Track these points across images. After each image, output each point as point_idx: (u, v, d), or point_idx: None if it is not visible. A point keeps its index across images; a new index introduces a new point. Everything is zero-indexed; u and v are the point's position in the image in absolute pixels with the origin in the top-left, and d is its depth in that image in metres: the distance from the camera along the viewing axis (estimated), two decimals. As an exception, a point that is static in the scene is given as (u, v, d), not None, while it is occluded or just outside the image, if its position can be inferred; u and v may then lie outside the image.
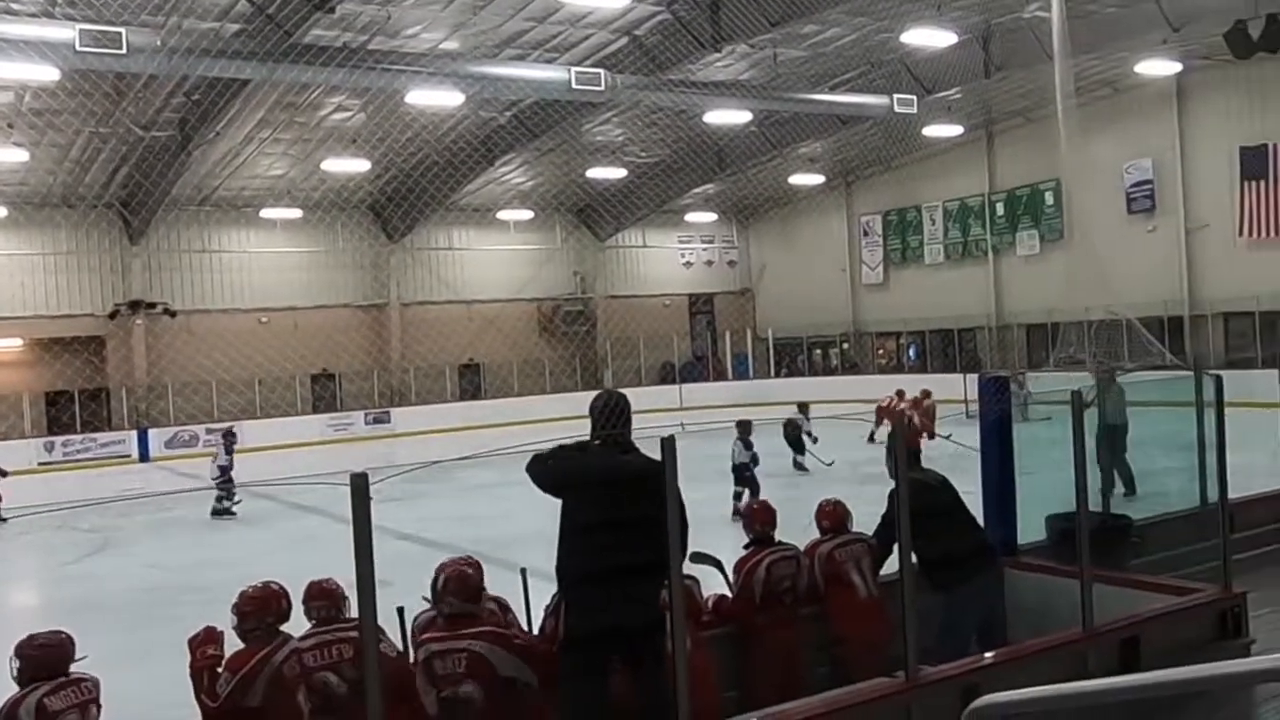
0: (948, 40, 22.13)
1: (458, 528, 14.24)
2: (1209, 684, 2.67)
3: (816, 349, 39.55)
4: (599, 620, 4.80)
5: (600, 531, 4.80)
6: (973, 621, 6.30)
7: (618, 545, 4.72)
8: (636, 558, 4.65)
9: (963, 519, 6.61)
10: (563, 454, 5.01)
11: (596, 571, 4.78)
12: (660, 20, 22.15)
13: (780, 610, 6.07)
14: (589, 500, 4.90)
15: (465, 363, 35.50)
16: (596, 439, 5.01)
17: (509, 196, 34.72)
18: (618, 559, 4.70)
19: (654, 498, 4.52)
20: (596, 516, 4.83)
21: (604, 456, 5.00)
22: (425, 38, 21.54)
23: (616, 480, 4.88)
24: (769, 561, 6.12)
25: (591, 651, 4.87)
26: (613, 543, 4.75)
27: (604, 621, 4.79)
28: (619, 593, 4.76)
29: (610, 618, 4.77)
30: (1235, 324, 28.02)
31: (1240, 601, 6.38)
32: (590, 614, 4.86)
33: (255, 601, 4.90)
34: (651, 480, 4.66)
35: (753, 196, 38.49)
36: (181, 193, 28.83)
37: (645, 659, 4.88)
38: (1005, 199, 33.23)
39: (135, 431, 29.46)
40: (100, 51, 15.68)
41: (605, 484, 4.89)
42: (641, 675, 4.91)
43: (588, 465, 4.99)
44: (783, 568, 6.15)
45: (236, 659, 4.73)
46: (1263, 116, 26.74)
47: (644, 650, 4.87)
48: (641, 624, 4.82)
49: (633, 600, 4.79)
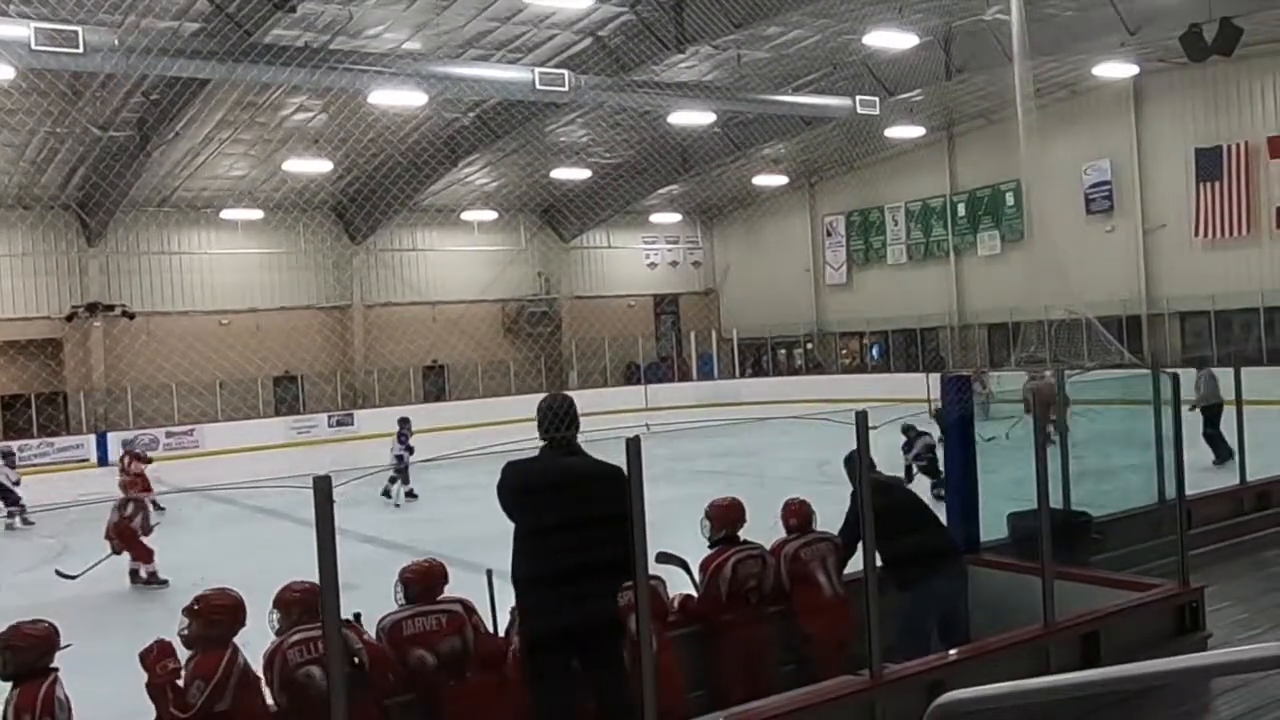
0: (909, 42, 22.31)
1: (422, 530, 14.17)
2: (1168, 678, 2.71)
3: (781, 349, 39.72)
4: (552, 624, 4.81)
5: (549, 535, 4.79)
6: (933, 620, 6.34)
7: (567, 548, 4.72)
8: (586, 560, 4.66)
9: (924, 518, 6.66)
10: (507, 470, 5.02)
11: (547, 575, 4.78)
12: (624, 21, 22.16)
13: (746, 609, 6.09)
14: (535, 506, 4.90)
15: (429, 364, 35.33)
16: (543, 442, 5.00)
17: (473, 197, 34.59)
18: (567, 562, 4.70)
19: (603, 499, 4.54)
20: (543, 521, 4.83)
21: (548, 461, 4.99)
22: (388, 38, 21.42)
23: (562, 484, 4.88)
24: (735, 560, 6.14)
25: (548, 655, 4.87)
26: (562, 546, 4.75)
27: (557, 625, 4.80)
28: (570, 595, 4.75)
29: (563, 621, 4.77)
30: (1191, 323, 28.44)
31: (1198, 596, 6.49)
32: (542, 618, 4.87)
33: (223, 610, 4.87)
34: (599, 482, 4.68)
35: (717, 197, 38.61)
36: (140, 193, 28.47)
37: (603, 661, 4.88)
38: (967, 199, 33.54)
39: (94, 435, 29.01)
40: (56, 50, 15.46)
41: (551, 488, 4.89)
42: (599, 678, 4.91)
43: (530, 472, 4.98)
44: (749, 566, 6.17)
45: (203, 665, 4.69)
46: (1217, 118, 27.18)
47: (601, 652, 4.87)
48: (594, 626, 4.82)
49: (584, 602, 4.78)
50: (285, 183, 29.86)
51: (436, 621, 5.30)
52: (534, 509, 4.88)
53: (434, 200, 33.55)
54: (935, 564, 6.36)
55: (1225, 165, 26.83)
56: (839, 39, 23.43)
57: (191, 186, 29.83)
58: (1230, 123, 26.92)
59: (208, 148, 26.97)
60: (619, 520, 4.51)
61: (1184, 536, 6.61)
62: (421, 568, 5.54)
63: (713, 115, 26.59)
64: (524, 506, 4.93)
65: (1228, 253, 27.05)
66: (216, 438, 29.25)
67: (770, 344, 39.58)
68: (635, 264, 40.27)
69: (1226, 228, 26.97)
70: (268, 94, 23.59)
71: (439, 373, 35.73)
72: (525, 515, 4.93)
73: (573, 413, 5.04)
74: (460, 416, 30.69)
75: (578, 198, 35.19)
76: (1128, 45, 23.34)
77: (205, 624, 4.80)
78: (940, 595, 6.33)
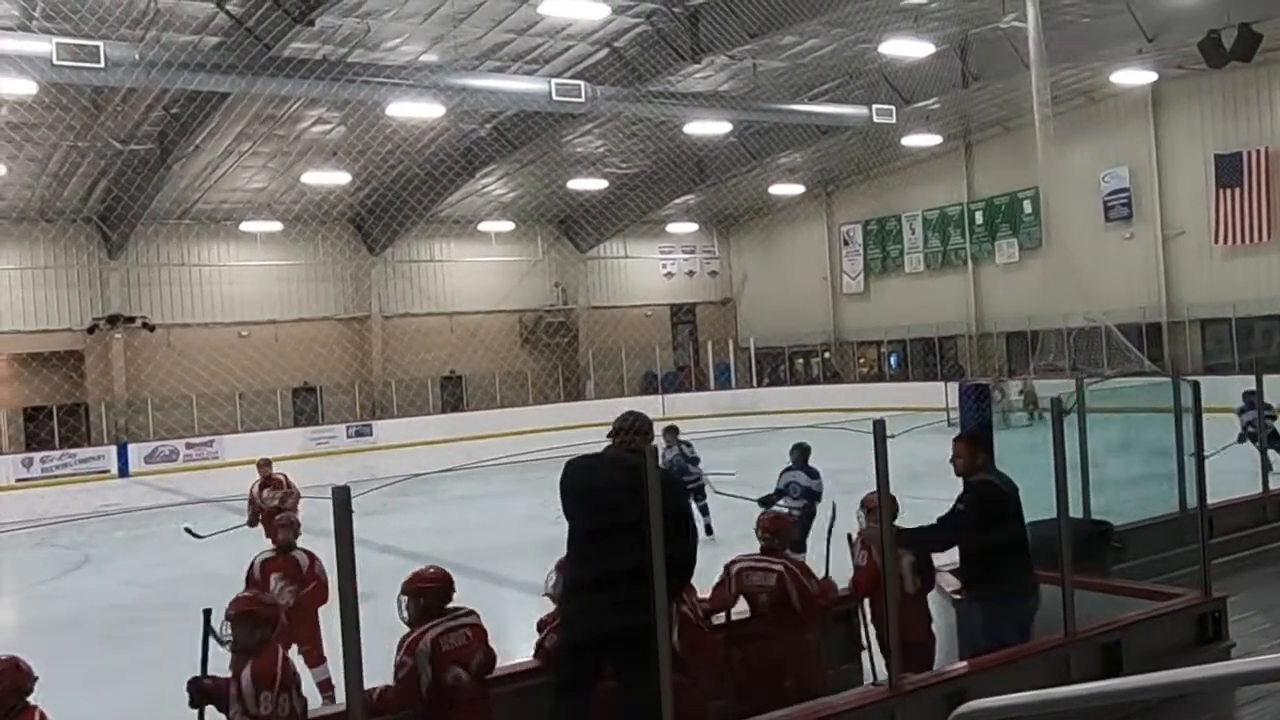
0: (925, 51, 22.30)
1: (440, 540, 14.19)
2: (1190, 688, 2.69)
3: (798, 358, 39.64)
4: (587, 629, 4.80)
5: (591, 539, 4.81)
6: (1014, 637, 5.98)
7: (604, 553, 4.71)
8: (621, 564, 4.63)
9: (1020, 530, 6.25)
10: (567, 469, 4.98)
11: (586, 580, 4.78)
12: (640, 32, 22.22)
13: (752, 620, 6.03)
14: (581, 510, 4.90)
15: (447, 375, 35.41)
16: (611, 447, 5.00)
17: (490, 208, 34.70)
18: (605, 567, 4.68)
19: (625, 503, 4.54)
20: (588, 525, 4.83)
21: (605, 461, 4.95)
22: (405, 50, 21.54)
23: (613, 486, 4.82)
24: (743, 568, 6.07)
25: (581, 661, 4.85)
26: (600, 551, 4.75)
27: (592, 630, 4.77)
28: (605, 601, 4.74)
29: (597, 626, 4.75)
30: (1212, 330, 28.25)
31: (1220, 606, 6.43)
32: (577, 623, 4.86)
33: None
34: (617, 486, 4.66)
35: (733, 207, 38.60)
36: (161, 206, 28.67)
37: (633, 666, 4.83)
38: (984, 208, 33.44)
39: (115, 446, 29.21)
40: (78, 65, 15.62)
41: (597, 491, 4.86)
42: (624, 684, 4.88)
43: (594, 469, 4.95)
44: (756, 577, 6.02)
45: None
46: (1236, 124, 27.03)
47: (632, 657, 4.82)
48: (627, 630, 4.77)
49: (619, 607, 4.75)
50: (304, 195, 30.03)
51: (464, 636, 5.08)
52: (582, 513, 4.87)
53: (451, 211, 33.68)
54: (1021, 579, 6.05)
55: (1245, 171, 26.66)
56: (855, 48, 23.41)
57: (211, 199, 30.04)
58: (1250, 129, 26.77)
59: (227, 161, 27.16)
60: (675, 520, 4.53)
61: (1206, 545, 6.56)
62: (434, 576, 5.26)
63: (729, 125, 26.61)
64: (574, 508, 4.90)
65: (1248, 259, 26.86)
66: (236, 449, 29.34)
67: (788, 353, 39.51)
68: (652, 274, 40.28)
69: (1247, 234, 26.79)
70: (286, 107, 23.76)
71: (457, 383, 35.81)
72: (587, 515, 4.89)
73: (647, 426, 5.06)
74: (478, 427, 30.80)
75: (594, 208, 35.26)
76: (1146, 52, 23.26)
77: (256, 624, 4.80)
78: (1022, 611, 6.04)
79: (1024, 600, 6.04)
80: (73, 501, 21.70)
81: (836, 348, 38.41)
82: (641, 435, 5.00)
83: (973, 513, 5.94)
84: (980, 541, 5.94)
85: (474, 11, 20.27)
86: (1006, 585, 5.93)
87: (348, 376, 33.83)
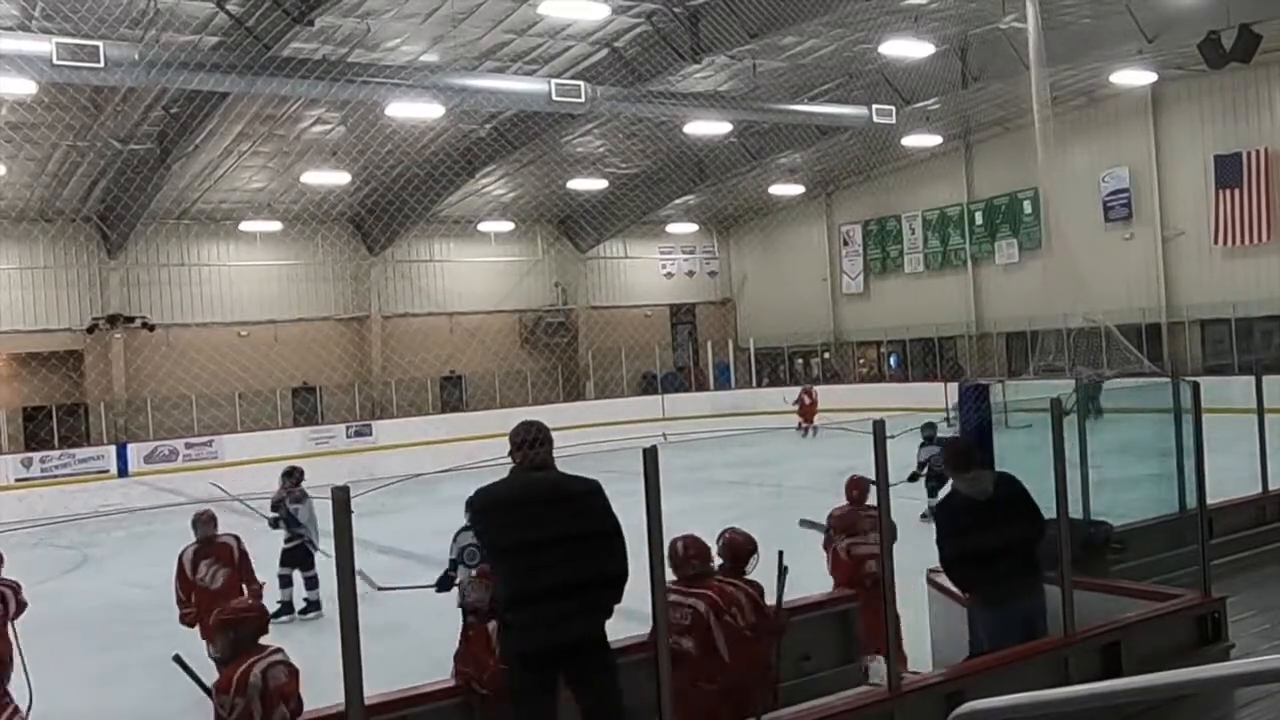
0: (925, 51, 22.30)
1: (439, 541, 14.17)
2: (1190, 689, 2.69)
3: (798, 358, 39.65)
4: (530, 640, 4.76)
5: (527, 553, 4.75)
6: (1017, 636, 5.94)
7: (546, 566, 4.68)
8: (569, 576, 4.65)
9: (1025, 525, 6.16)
10: (478, 494, 4.94)
11: (531, 594, 4.75)
12: (640, 32, 22.22)
13: None
14: (510, 524, 4.86)
15: (447, 375, 35.42)
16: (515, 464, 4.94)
17: (490, 208, 34.71)
18: (549, 579, 4.67)
19: (582, 514, 4.60)
20: (519, 539, 4.78)
21: (517, 479, 4.90)
22: (405, 50, 21.54)
23: (534, 500, 4.82)
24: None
25: (527, 671, 4.82)
26: (540, 564, 4.70)
27: (543, 643, 4.75)
28: (556, 613, 4.71)
29: (550, 639, 4.73)
30: (1212, 330, 28.26)
31: (1220, 606, 6.42)
32: (527, 637, 4.79)
33: None
34: (579, 497, 4.68)
35: (733, 207, 38.62)
36: (160, 206, 28.68)
37: (590, 674, 4.85)
38: (984, 208, 33.45)
39: (114, 446, 29.22)
40: (78, 65, 15.62)
41: (523, 505, 4.82)
42: (586, 692, 4.86)
43: (498, 493, 4.90)
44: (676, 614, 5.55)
45: None
46: (1235, 125, 27.05)
47: (588, 665, 4.84)
48: (581, 643, 4.80)
49: (571, 619, 4.75)
50: (304, 195, 30.04)
51: (284, 672, 4.76)
52: (509, 527, 4.84)
53: (451, 211, 33.68)
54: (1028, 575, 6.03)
55: (1245, 172, 26.68)
56: (855, 48, 23.42)
57: (211, 199, 30.05)
58: (1249, 129, 26.78)
59: (227, 160, 27.17)
60: (600, 535, 4.55)
61: (1205, 546, 6.55)
62: (253, 606, 5.02)
63: (729, 125, 26.62)
64: (500, 526, 4.91)
65: (1248, 260, 26.88)
66: (235, 449, 29.40)
67: (787, 353, 39.52)
68: (652, 274, 40.29)
69: (1246, 235, 26.80)
70: (286, 107, 23.76)
71: (456, 383, 35.82)
72: (501, 535, 4.90)
73: (546, 434, 4.99)
74: (477, 427, 30.79)
75: (594, 208, 35.27)
76: (1145, 52, 23.27)
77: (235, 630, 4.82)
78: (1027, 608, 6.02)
79: (1024, 601, 6.00)
80: (72, 501, 21.72)
81: (836, 348, 38.42)
82: (545, 444, 4.94)
83: (943, 526, 6.07)
84: (961, 549, 5.99)
85: (474, 11, 20.27)
86: (1001, 588, 5.92)
87: (347, 376, 33.82)
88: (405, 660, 6.16)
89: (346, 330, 34.23)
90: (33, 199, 27.88)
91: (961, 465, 6.22)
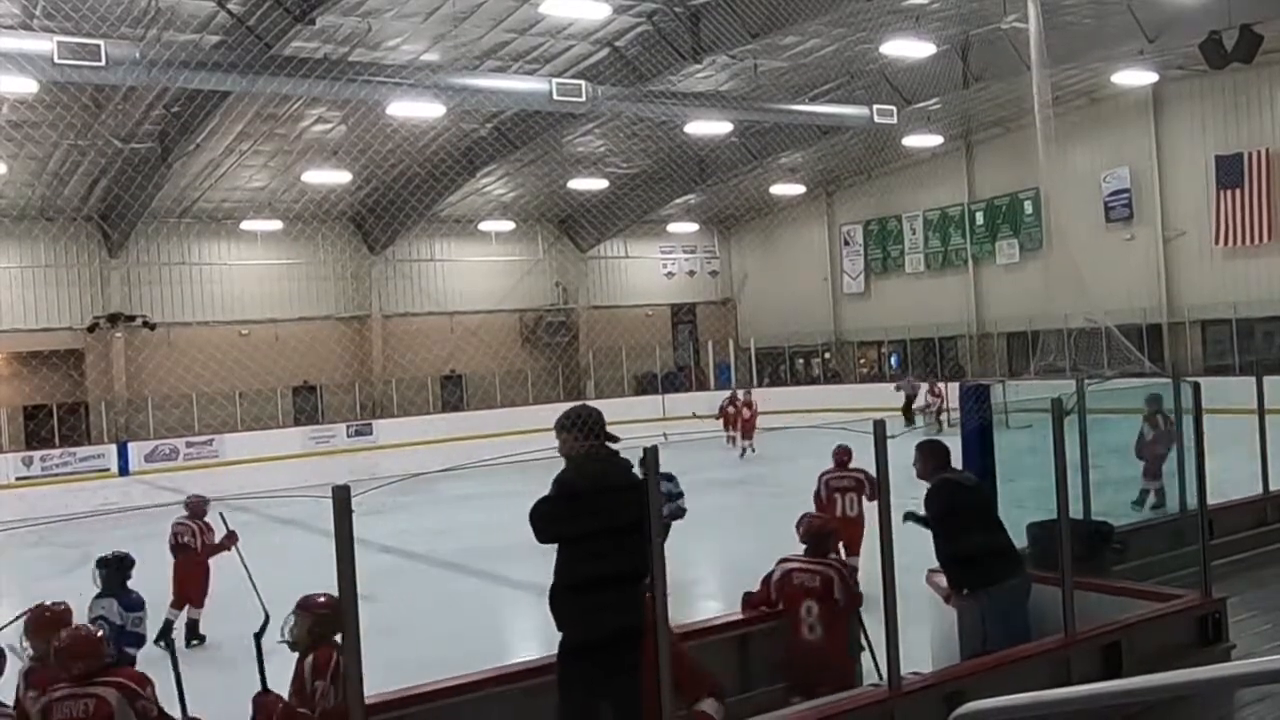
0: (926, 51, 22.29)
1: (440, 540, 14.19)
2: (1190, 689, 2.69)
3: (799, 358, 39.64)
4: (575, 632, 4.82)
5: (578, 543, 4.81)
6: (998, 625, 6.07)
7: (592, 555, 4.73)
8: (607, 567, 4.67)
9: (994, 522, 6.40)
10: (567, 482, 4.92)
11: (572, 584, 4.80)
12: (641, 32, 22.21)
13: None
14: (569, 515, 4.88)
15: (447, 374, 35.41)
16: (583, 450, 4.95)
17: (490, 208, 34.71)
18: (591, 570, 4.71)
19: (629, 505, 4.57)
20: (574, 529, 4.82)
21: (591, 467, 4.92)
22: (406, 49, 21.54)
23: (599, 490, 4.85)
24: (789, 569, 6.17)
25: (571, 664, 4.86)
26: (588, 553, 4.76)
27: (581, 633, 4.80)
28: (592, 604, 4.75)
29: (585, 629, 4.78)
30: (1213, 331, 28.25)
31: (1220, 607, 6.43)
32: (568, 626, 4.85)
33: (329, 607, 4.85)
34: (636, 486, 4.68)
35: (734, 207, 38.59)
36: (161, 205, 28.68)
37: (622, 669, 4.84)
38: (985, 208, 33.43)
39: (115, 445, 29.22)
40: (79, 64, 15.62)
41: (585, 495, 4.86)
42: (614, 686, 4.87)
43: (591, 475, 4.92)
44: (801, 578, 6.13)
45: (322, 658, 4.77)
46: (1237, 125, 27.03)
47: (622, 660, 4.83)
48: (612, 633, 4.79)
49: (606, 610, 4.77)
50: (304, 194, 30.03)
51: (85, 707, 4.39)
52: (594, 514, 4.86)
53: (452, 211, 33.68)
54: (1002, 566, 6.18)
55: (1246, 172, 26.67)
56: (856, 48, 23.41)
57: (212, 198, 30.05)
58: (1251, 130, 26.77)
59: (228, 159, 27.17)
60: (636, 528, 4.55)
61: (1206, 547, 6.56)
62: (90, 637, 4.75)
63: (730, 125, 26.61)
64: (588, 511, 4.89)
65: (1249, 260, 26.87)
66: (236, 448, 29.41)
67: (788, 353, 39.51)
68: (652, 274, 40.28)
69: (1247, 235, 26.79)
70: (287, 106, 23.76)
71: (457, 382, 35.81)
72: (574, 525, 4.89)
73: (600, 418, 5.05)
74: (478, 426, 30.82)
75: (595, 208, 35.26)
76: (1147, 53, 23.25)
77: (316, 621, 4.82)
78: (1006, 598, 6.13)
79: (1015, 582, 6.14)
80: (73, 500, 21.72)
81: (837, 348, 38.40)
82: (601, 428, 4.99)
83: (935, 503, 6.17)
84: (955, 532, 6.07)
85: (475, 11, 20.27)
86: (994, 573, 6.04)
87: (348, 376, 33.83)
88: (406, 660, 6.16)
89: (347, 329, 34.22)
90: (34, 198, 27.87)
91: (944, 463, 6.35)
